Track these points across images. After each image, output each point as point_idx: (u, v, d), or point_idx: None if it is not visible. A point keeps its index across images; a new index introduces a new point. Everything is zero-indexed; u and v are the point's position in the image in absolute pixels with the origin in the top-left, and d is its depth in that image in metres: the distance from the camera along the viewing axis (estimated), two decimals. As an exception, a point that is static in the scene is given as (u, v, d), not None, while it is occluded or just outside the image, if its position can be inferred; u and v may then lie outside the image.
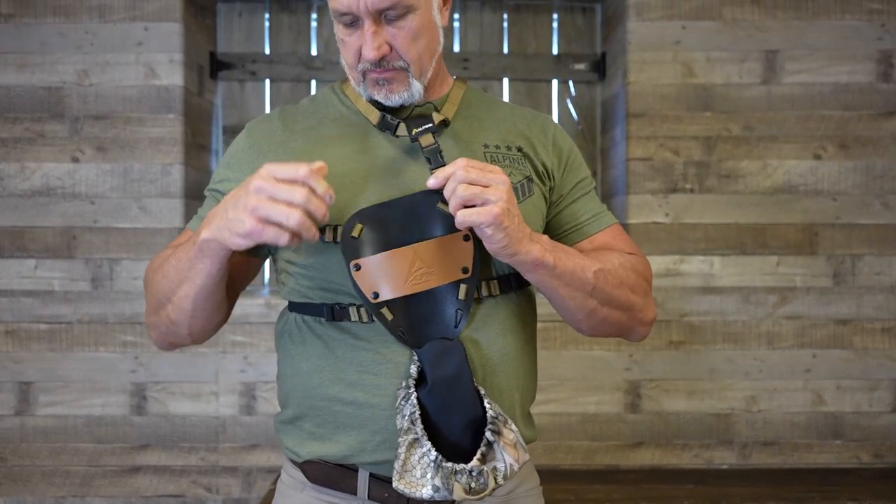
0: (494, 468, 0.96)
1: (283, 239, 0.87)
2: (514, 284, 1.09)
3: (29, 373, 2.23)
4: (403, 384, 0.99)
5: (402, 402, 0.99)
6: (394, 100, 1.05)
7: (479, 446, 0.97)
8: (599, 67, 2.55)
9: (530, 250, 0.97)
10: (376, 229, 0.98)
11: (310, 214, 0.87)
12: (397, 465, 0.96)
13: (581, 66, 2.57)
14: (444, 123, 1.08)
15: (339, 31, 1.04)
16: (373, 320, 1.00)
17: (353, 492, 1.05)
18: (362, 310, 1.01)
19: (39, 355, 2.23)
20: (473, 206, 0.92)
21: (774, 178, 2.29)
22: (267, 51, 2.56)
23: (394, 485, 0.95)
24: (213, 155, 2.51)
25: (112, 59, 2.23)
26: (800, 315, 2.30)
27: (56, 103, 2.23)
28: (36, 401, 2.23)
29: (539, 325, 1.15)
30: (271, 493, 1.96)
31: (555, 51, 2.61)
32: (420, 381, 1.00)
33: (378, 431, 1.01)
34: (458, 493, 0.94)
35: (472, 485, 0.95)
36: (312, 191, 0.87)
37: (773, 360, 2.29)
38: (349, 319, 1.02)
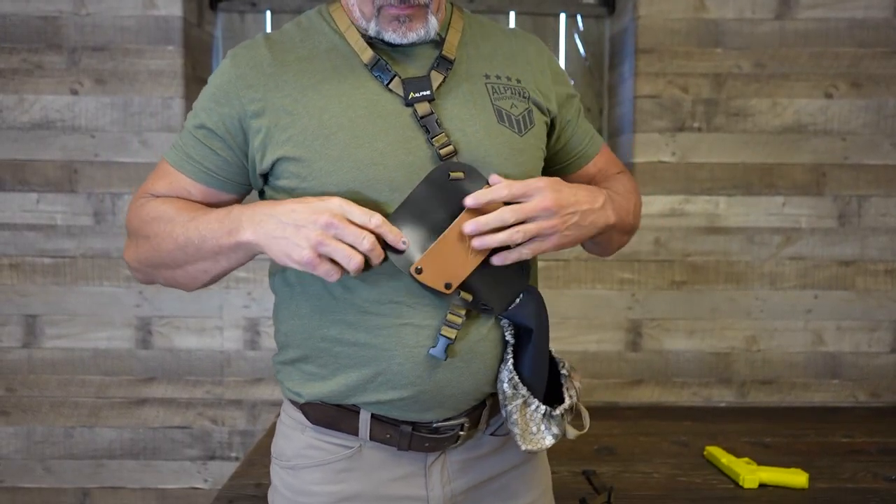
0: (571, 396, 1.04)
1: (334, 276, 0.90)
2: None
3: (35, 306, 2.25)
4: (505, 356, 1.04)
5: (500, 367, 1.03)
6: (410, 38, 1.00)
7: (556, 384, 1.04)
8: (609, 1, 2.48)
9: (599, 223, 1.03)
10: (412, 226, 0.96)
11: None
12: (517, 430, 1.00)
13: (590, 0, 2.50)
14: (447, 62, 1.04)
15: None
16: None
17: (355, 432, 1.05)
18: None
19: (44, 289, 2.24)
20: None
21: (784, 116, 2.26)
22: (267, -19, 2.49)
23: (522, 448, 1.01)
24: (214, 88, 2.47)
25: (109, -12, 2.17)
26: (803, 256, 2.29)
27: (53, 34, 2.18)
28: (42, 333, 2.25)
29: (541, 264, 1.16)
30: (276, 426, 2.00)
31: (563, -17, 2.53)
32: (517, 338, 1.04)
33: (381, 372, 1.01)
34: (571, 432, 1.03)
35: (569, 418, 1.03)
36: (377, 238, 0.90)
37: (775, 301, 2.30)
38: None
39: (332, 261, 0.90)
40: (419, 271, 0.95)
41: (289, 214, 0.90)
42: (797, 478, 1.63)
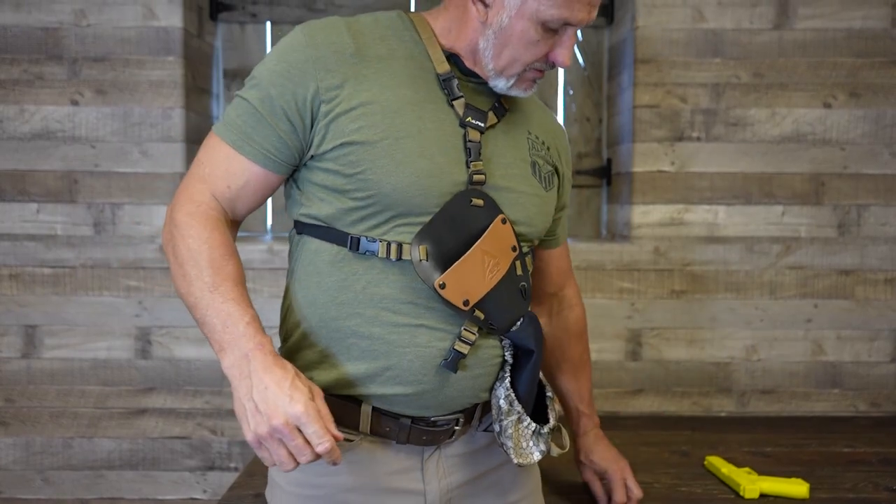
0: (553, 418, 1.12)
1: (267, 463, 0.94)
2: (534, 257, 1.24)
3: (34, 316, 2.24)
4: (501, 372, 1.10)
5: (496, 384, 1.09)
6: (530, 92, 1.09)
7: (542, 404, 1.11)
8: (607, 11, 2.49)
9: None
10: (436, 244, 1.02)
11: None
12: (510, 444, 1.06)
13: (589, 10, 2.51)
14: (503, 108, 1.12)
15: (536, 32, 1.01)
16: (400, 258, 1.02)
17: (356, 426, 1.08)
18: (392, 246, 1.02)
19: (44, 299, 2.24)
20: None
21: (783, 126, 2.26)
22: (268, -9, 2.50)
23: (515, 461, 1.07)
24: (214, 99, 2.48)
25: (109, -1, 2.19)
26: (803, 265, 2.29)
27: (53, 45, 2.19)
28: (42, 343, 2.25)
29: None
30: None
31: (562, -7, 2.54)
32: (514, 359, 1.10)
33: (390, 367, 1.04)
34: (555, 451, 1.11)
35: (551, 437, 1.11)
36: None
37: (775, 310, 2.30)
38: (377, 255, 1.02)
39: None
40: (443, 286, 1.00)
41: (260, 392, 0.92)
42: (798, 488, 1.62)
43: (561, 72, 2.54)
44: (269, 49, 2.49)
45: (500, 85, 1.06)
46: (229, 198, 1.06)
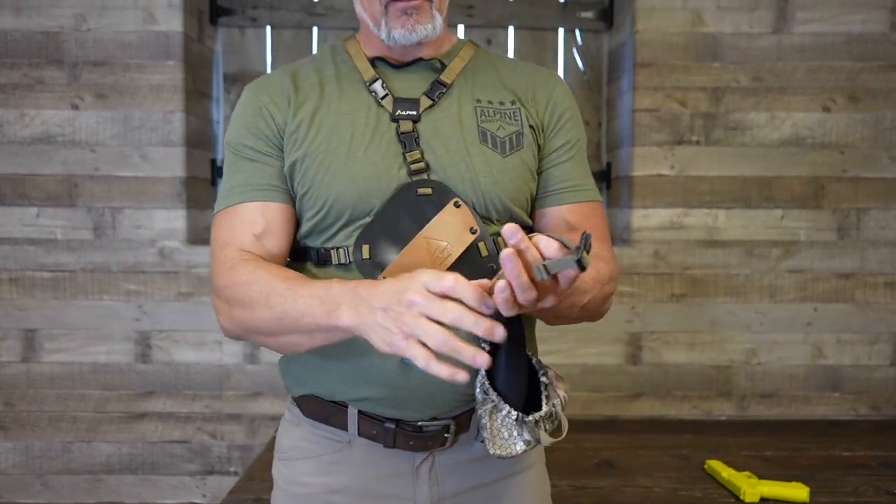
0: (554, 405, 1.02)
1: (420, 362, 0.80)
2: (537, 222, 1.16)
3: (34, 320, 2.24)
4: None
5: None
6: (419, 32, 1.06)
7: (537, 391, 1.02)
8: (607, 15, 2.49)
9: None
10: (380, 240, 1.02)
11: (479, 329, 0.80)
12: (486, 434, 0.99)
13: (588, 15, 2.52)
14: (441, 85, 1.11)
15: None
16: (350, 262, 1.03)
17: (345, 427, 1.09)
18: (341, 251, 1.04)
19: (44, 303, 2.24)
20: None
21: (782, 130, 2.27)
22: (268, -4, 2.51)
23: (491, 452, 0.98)
24: (214, 102, 2.48)
25: (110, 3, 2.18)
26: (803, 269, 2.29)
27: (54, 49, 2.19)
28: (41, 347, 2.25)
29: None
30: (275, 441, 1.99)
31: (561, -2, 2.55)
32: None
33: (363, 369, 1.04)
34: (546, 439, 0.99)
35: (547, 426, 1.00)
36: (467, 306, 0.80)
37: (775, 314, 2.30)
38: (332, 263, 1.05)
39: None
40: None
41: (379, 297, 0.85)
42: (798, 492, 1.62)
43: (561, 75, 2.54)
44: (268, 53, 2.51)
45: (384, 35, 1.08)
46: (257, 243, 1.06)
